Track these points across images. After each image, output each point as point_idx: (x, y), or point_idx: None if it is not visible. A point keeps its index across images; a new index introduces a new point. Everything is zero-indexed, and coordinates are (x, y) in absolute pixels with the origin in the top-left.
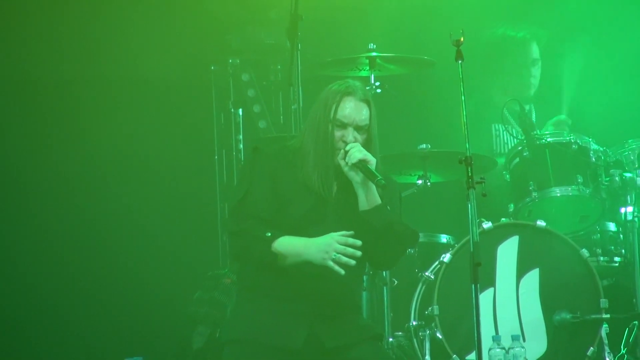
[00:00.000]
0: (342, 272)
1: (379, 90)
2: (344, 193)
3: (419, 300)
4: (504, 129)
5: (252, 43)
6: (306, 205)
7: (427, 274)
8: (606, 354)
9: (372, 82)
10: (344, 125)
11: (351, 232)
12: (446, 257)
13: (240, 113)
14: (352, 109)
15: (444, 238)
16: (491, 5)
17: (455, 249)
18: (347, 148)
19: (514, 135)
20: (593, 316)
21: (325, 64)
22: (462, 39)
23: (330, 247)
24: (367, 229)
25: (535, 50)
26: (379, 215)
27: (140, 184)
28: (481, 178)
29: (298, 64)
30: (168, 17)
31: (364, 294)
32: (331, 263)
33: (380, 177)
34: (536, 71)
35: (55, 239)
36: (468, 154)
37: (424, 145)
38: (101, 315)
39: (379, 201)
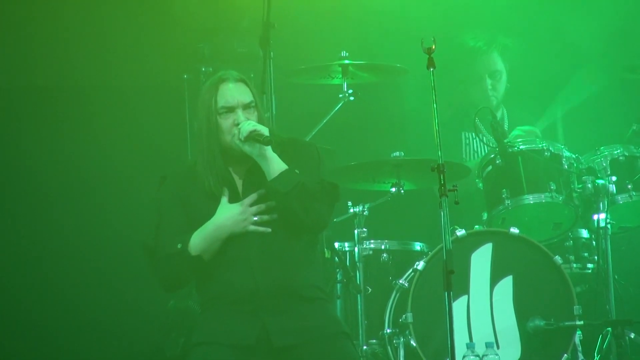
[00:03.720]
0: (269, 229)
1: (352, 98)
2: (250, 178)
3: (393, 307)
4: (474, 137)
5: (225, 52)
6: (214, 211)
7: (401, 281)
8: None
9: (345, 89)
10: (231, 109)
11: (257, 194)
12: (420, 265)
13: None
14: (233, 91)
15: (417, 246)
16: (465, 13)
17: (429, 256)
18: (239, 127)
19: (486, 143)
20: (566, 323)
21: (297, 72)
22: (433, 47)
23: (245, 213)
24: (281, 198)
25: (495, 61)
26: (285, 180)
27: (113, 191)
28: (454, 186)
29: (271, 72)
30: (141, 27)
31: (338, 302)
32: (253, 227)
33: (266, 136)
34: (496, 83)
35: (25, 243)
36: (440, 162)
37: (397, 153)
38: (74, 322)
39: (285, 167)
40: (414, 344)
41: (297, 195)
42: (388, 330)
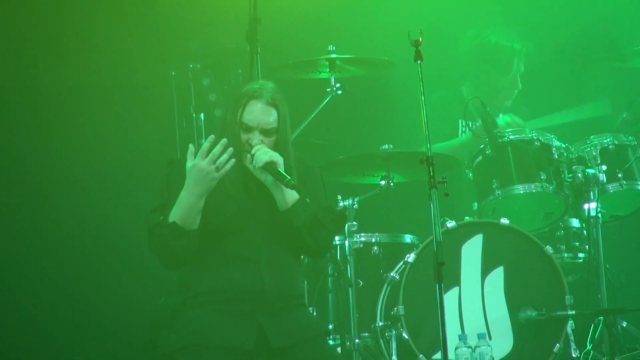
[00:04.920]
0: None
1: (339, 92)
2: (263, 194)
3: (385, 300)
4: (465, 123)
5: (212, 47)
6: (225, 212)
7: (392, 274)
8: (572, 350)
9: (333, 83)
10: (249, 129)
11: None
12: (411, 257)
13: (202, 117)
14: (258, 113)
15: (408, 238)
16: (451, 5)
17: (419, 248)
18: (253, 151)
19: (472, 128)
20: (558, 313)
21: (285, 67)
22: (420, 39)
23: (204, 170)
24: (291, 226)
25: (522, 63)
26: (299, 212)
27: (103, 189)
28: (443, 178)
29: (258, 67)
30: (128, 24)
31: (330, 295)
32: (219, 174)
33: (289, 178)
34: (519, 83)
35: (15, 240)
36: (429, 154)
37: (386, 146)
38: (65, 320)
39: (297, 196)
40: (406, 337)
41: (309, 227)
42: (380, 323)
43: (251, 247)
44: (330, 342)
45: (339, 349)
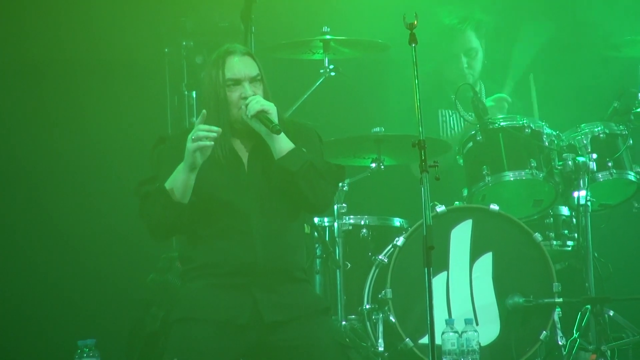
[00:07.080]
0: (211, 143)
1: (333, 74)
2: (256, 164)
3: (372, 283)
4: (451, 114)
5: (206, 25)
6: (216, 181)
7: (380, 257)
8: (559, 338)
9: (326, 65)
10: (237, 82)
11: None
12: (399, 241)
13: (194, 95)
14: (239, 64)
15: (397, 221)
16: None
17: (408, 232)
18: (247, 102)
19: (467, 119)
20: (546, 300)
21: (279, 47)
22: (415, 22)
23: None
24: (288, 177)
25: (470, 39)
26: (294, 158)
27: (93, 166)
28: (434, 162)
29: (252, 46)
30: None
31: (317, 277)
32: (196, 144)
33: (275, 123)
34: (472, 60)
35: (5, 221)
36: (421, 138)
37: (377, 129)
38: (54, 298)
39: (292, 145)
40: (393, 320)
41: (305, 174)
42: (367, 306)
43: (244, 220)
44: None
45: None
